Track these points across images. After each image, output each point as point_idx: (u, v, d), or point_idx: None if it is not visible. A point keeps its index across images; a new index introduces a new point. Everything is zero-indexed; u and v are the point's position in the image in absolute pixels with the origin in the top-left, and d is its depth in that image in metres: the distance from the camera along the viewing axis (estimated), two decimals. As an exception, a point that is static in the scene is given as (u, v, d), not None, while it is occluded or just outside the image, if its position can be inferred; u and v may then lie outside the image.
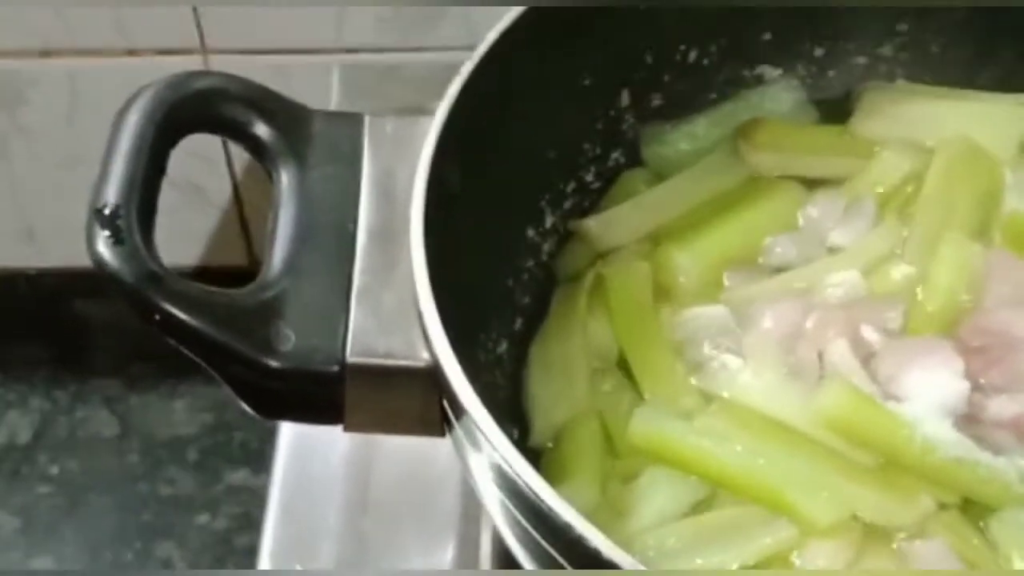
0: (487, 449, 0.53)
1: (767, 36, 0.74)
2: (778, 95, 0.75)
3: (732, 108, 0.74)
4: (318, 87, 0.93)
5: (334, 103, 0.90)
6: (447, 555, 0.69)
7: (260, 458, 0.91)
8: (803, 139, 0.73)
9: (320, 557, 0.69)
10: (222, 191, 1.01)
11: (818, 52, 0.75)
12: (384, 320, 0.58)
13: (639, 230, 0.71)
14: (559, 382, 0.66)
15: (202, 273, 1.01)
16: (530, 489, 0.50)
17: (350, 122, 0.64)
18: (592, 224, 0.71)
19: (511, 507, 0.53)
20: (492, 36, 0.64)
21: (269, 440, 0.75)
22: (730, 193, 0.72)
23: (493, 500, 0.56)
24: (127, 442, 0.95)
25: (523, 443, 0.65)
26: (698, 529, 0.60)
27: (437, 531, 0.70)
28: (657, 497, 0.61)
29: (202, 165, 0.98)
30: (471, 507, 0.70)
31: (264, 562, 0.70)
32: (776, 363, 0.64)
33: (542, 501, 0.50)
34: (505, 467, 0.51)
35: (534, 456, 0.64)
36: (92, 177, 0.58)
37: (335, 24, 0.94)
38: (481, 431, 0.52)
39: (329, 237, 0.60)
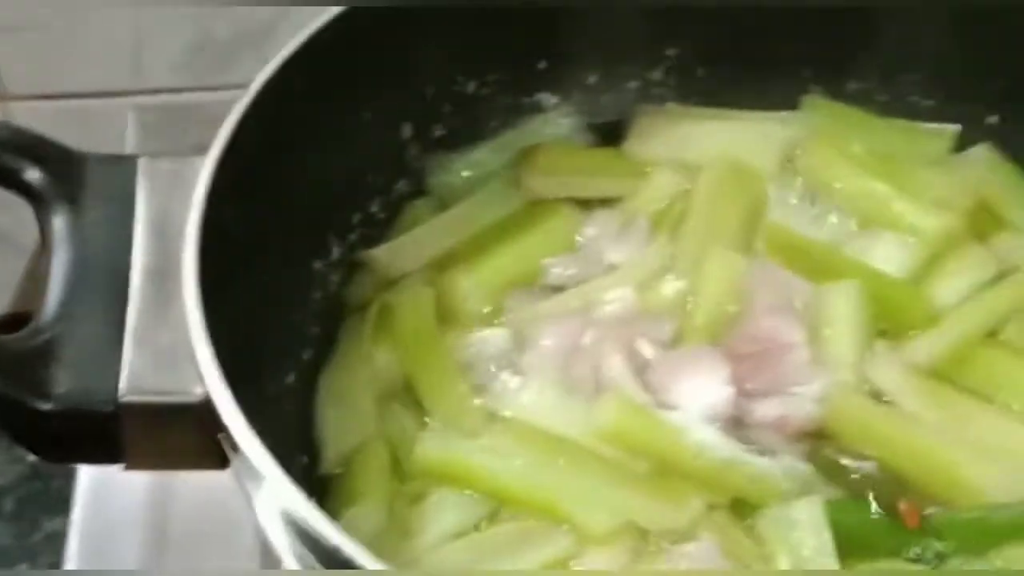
0: (261, 479, 0.54)
1: (542, 65, 0.77)
2: (556, 121, 0.77)
3: (512, 135, 0.77)
4: (118, 129, 0.93)
5: (131, 145, 0.91)
6: (247, 588, 0.70)
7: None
8: (579, 162, 0.76)
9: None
10: (34, 239, 1.00)
11: (592, 79, 0.78)
12: (160, 358, 0.58)
13: (424, 257, 0.72)
14: (347, 410, 0.67)
15: (13, 321, 1.00)
16: (299, 514, 0.51)
17: (124, 164, 0.64)
18: (378, 254, 0.72)
19: (289, 533, 0.55)
20: (265, 75, 0.64)
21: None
22: (511, 218, 0.74)
23: (274, 528, 0.56)
24: (-59, 495, 0.93)
25: (314, 470, 0.66)
26: (481, 544, 0.62)
27: (239, 565, 0.71)
28: (444, 516, 0.63)
29: (8, 215, 0.97)
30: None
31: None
32: (555, 380, 0.67)
33: (310, 525, 0.51)
34: (278, 494, 0.53)
35: (325, 483, 0.65)
36: None
37: (132, 66, 0.95)
38: (252, 461, 0.53)
39: (104, 279, 0.60)
